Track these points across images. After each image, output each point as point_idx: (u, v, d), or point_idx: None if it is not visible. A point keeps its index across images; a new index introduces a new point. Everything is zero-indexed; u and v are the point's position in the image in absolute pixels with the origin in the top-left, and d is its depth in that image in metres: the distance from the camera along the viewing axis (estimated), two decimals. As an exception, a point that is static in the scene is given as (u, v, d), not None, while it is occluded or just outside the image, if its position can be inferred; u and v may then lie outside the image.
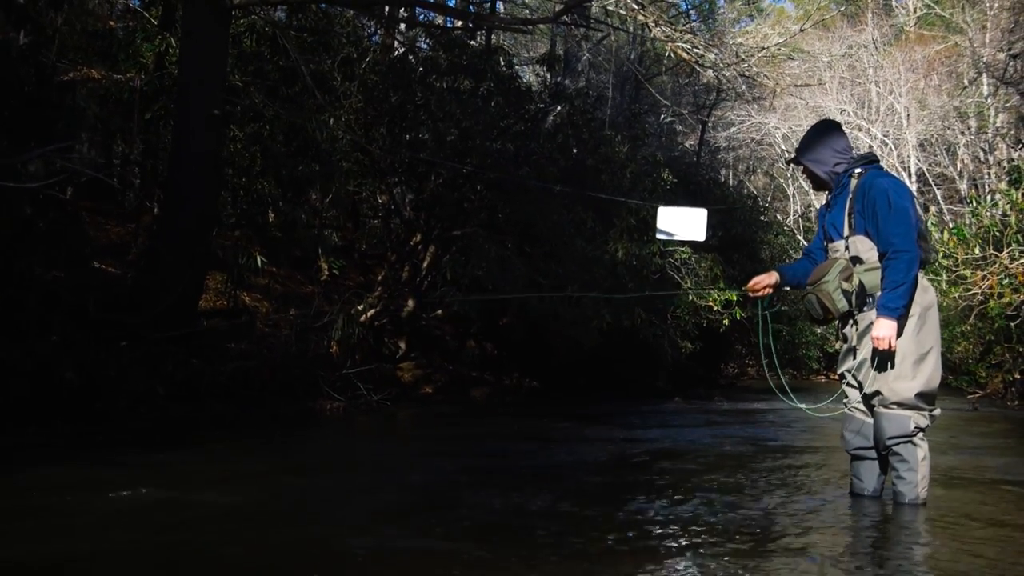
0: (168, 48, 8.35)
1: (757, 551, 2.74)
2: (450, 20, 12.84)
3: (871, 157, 3.61)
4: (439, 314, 9.11)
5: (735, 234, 15.10)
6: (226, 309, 8.08)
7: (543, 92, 10.99)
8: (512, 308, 9.99)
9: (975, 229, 10.41)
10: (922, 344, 3.39)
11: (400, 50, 10.89)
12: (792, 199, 25.00)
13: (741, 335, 15.45)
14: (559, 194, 9.27)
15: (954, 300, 10.22)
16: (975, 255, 9.93)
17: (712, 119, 23.33)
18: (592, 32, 16.89)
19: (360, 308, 8.64)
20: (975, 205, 11.09)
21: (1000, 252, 9.71)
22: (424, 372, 9.54)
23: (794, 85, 19.43)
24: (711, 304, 11.25)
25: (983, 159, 21.23)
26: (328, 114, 8.76)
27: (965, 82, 21.88)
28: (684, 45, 11.84)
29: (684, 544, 2.81)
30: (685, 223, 4.60)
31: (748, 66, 13.50)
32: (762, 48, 15.11)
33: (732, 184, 23.96)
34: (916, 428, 3.37)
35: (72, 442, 4.77)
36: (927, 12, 24.34)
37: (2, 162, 5.20)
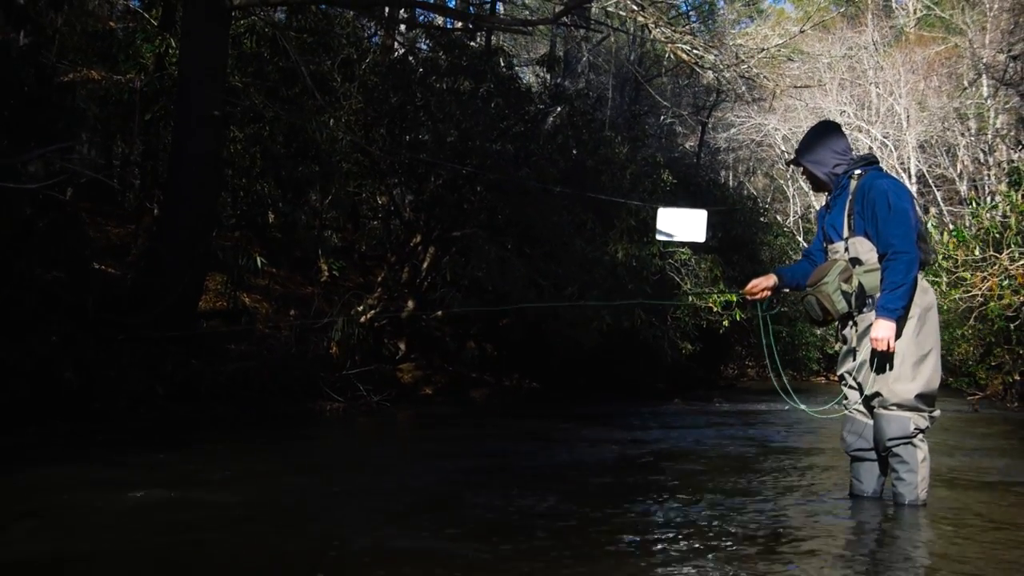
0: (168, 49, 8.35)
1: (757, 552, 2.74)
2: (450, 21, 12.83)
3: (870, 158, 3.61)
4: (439, 315, 9.11)
5: (735, 235, 15.11)
6: (226, 310, 8.08)
7: (543, 93, 11.01)
8: (512, 309, 9.99)
9: (975, 231, 10.40)
10: (922, 345, 3.39)
11: (400, 51, 10.89)
12: (792, 200, 25.00)
13: (741, 336, 15.46)
14: (559, 195, 9.27)
15: (954, 302, 10.22)
16: (975, 257, 9.93)
17: (712, 120, 23.36)
18: (592, 33, 16.91)
19: (360, 309, 8.64)
20: (975, 207, 11.08)
21: (1000, 254, 9.70)
22: (424, 373, 9.54)
23: (794, 86, 19.45)
24: (711, 305, 11.25)
25: (983, 160, 21.23)
26: (328, 115, 8.77)
27: (965, 83, 21.89)
28: (684, 46, 11.85)
29: (685, 545, 2.80)
30: (685, 224, 4.59)
31: (748, 67, 13.53)
32: (762, 49, 15.13)
33: (732, 185, 23.98)
34: (916, 429, 3.37)
35: (71, 442, 4.77)
36: (927, 13, 24.37)
37: (2, 162, 5.20)
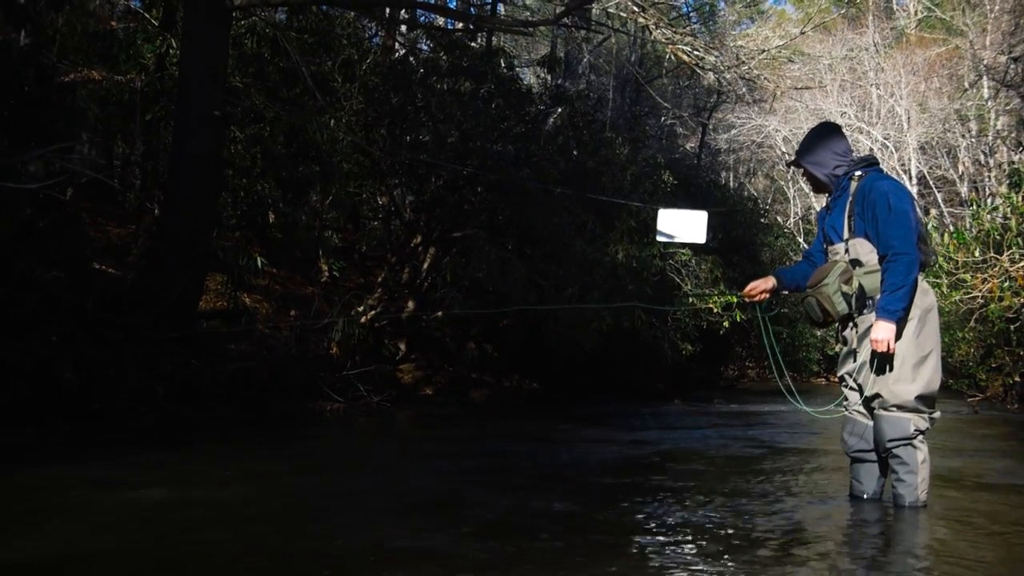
0: (169, 49, 8.36)
1: (757, 552, 2.74)
2: (451, 22, 12.83)
3: (871, 160, 3.61)
4: (439, 316, 9.11)
5: (735, 236, 15.12)
6: (226, 310, 8.08)
7: (544, 94, 11.01)
8: (511, 311, 9.99)
9: (975, 232, 10.39)
10: (922, 347, 3.39)
11: (401, 52, 10.90)
12: (792, 201, 24.99)
13: (741, 337, 15.47)
14: (559, 196, 9.27)
15: (954, 304, 10.21)
16: (975, 258, 9.91)
17: (712, 121, 23.34)
18: (593, 34, 16.91)
19: (360, 309, 8.64)
20: (975, 208, 11.07)
21: (1000, 255, 9.69)
22: (424, 373, 9.54)
23: (795, 88, 19.43)
24: (711, 307, 11.25)
25: (984, 162, 21.22)
26: (329, 115, 8.77)
27: (966, 85, 21.88)
28: (685, 47, 11.85)
29: (685, 545, 2.80)
30: (685, 225, 4.59)
31: (749, 68, 13.53)
32: (763, 51, 15.11)
33: (732, 186, 23.98)
34: (916, 431, 3.37)
35: (71, 442, 4.77)
36: (928, 15, 24.36)
37: (2, 162, 5.21)
